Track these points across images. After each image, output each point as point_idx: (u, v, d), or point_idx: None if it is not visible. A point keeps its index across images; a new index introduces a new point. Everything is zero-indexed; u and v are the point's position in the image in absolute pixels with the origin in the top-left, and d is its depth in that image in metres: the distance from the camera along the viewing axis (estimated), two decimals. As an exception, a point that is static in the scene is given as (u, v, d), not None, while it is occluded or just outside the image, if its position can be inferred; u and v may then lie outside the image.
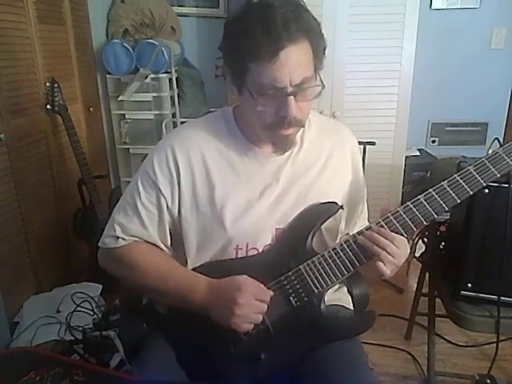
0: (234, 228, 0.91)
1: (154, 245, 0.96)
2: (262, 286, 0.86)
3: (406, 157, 2.54)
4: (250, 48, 0.78)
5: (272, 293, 0.86)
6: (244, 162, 0.94)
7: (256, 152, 0.95)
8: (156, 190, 0.92)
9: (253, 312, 0.83)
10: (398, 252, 0.84)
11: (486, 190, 1.21)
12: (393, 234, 0.84)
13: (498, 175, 0.85)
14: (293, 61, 0.78)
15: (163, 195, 0.92)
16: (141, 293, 1.04)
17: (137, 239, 0.94)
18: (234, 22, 0.83)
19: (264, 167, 0.95)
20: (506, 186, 1.19)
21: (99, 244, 0.97)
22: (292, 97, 0.81)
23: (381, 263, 0.83)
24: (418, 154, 2.76)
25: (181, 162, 0.92)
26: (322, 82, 0.85)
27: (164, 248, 0.98)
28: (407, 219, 0.85)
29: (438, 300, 1.57)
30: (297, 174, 0.96)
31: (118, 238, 0.93)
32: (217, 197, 0.92)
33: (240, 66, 0.82)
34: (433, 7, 2.67)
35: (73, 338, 1.78)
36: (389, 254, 0.83)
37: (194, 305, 0.87)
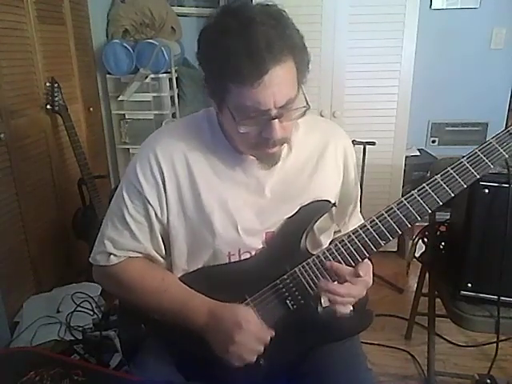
0: (224, 235, 0.89)
1: (148, 258, 0.94)
2: (264, 325, 0.84)
3: (406, 157, 2.54)
4: (230, 69, 0.73)
5: (273, 333, 0.84)
6: (228, 168, 0.91)
7: (241, 159, 0.90)
8: (143, 200, 0.88)
9: (248, 353, 0.82)
10: (355, 295, 0.85)
11: (486, 190, 1.21)
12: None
13: (492, 166, 0.81)
14: (277, 82, 0.74)
15: (151, 205, 0.89)
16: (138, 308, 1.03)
17: (130, 253, 0.91)
18: (210, 36, 0.77)
19: (249, 174, 0.91)
20: (506, 186, 1.19)
21: (90, 260, 0.94)
22: (276, 120, 0.77)
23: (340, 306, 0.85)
24: (418, 154, 2.75)
25: (165, 169, 0.88)
26: (306, 100, 0.82)
27: (159, 258, 0.95)
28: (401, 215, 0.83)
29: (438, 300, 1.57)
30: (286, 178, 0.93)
31: (110, 254, 0.90)
32: (203, 203, 0.89)
33: (220, 85, 0.77)
34: (433, 7, 2.66)
35: (73, 338, 1.78)
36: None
37: (190, 327, 0.86)
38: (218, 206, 0.89)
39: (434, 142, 2.91)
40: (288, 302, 0.88)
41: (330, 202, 0.92)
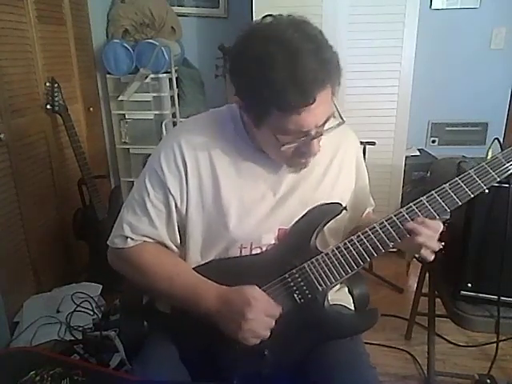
0: (239, 229, 0.92)
1: (163, 245, 0.96)
2: (272, 300, 0.86)
3: (406, 157, 2.54)
4: (276, 97, 0.76)
5: (281, 307, 0.86)
6: (249, 165, 0.94)
7: (261, 157, 0.94)
8: (164, 188, 0.91)
9: (261, 328, 0.84)
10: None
11: (486, 190, 1.20)
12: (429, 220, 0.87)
13: (498, 179, 0.87)
14: (318, 105, 0.78)
15: (172, 194, 0.91)
16: (148, 294, 1.03)
17: (146, 239, 0.94)
18: (254, 67, 0.77)
19: (268, 171, 0.95)
20: (507, 186, 1.19)
21: (108, 243, 0.96)
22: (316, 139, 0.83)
23: (424, 248, 0.88)
24: (418, 154, 2.75)
25: (188, 160, 0.91)
26: (340, 115, 0.87)
27: (173, 247, 0.97)
28: (410, 219, 0.87)
29: (438, 300, 1.57)
30: (300, 176, 0.96)
31: (127, 238, 0.92)
32: (222, 197, 0.92)
33: (262, 109, 0.80)
34: (433, 7, 2.66)
35: (73, 338, 1.78)
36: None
37: (200, 312, 0.87)
38: (235, 200, 0.92)
39: (433, 142, 2.91)
40: (295, 295, 0.89)
41: (341, 204, 0.95)
